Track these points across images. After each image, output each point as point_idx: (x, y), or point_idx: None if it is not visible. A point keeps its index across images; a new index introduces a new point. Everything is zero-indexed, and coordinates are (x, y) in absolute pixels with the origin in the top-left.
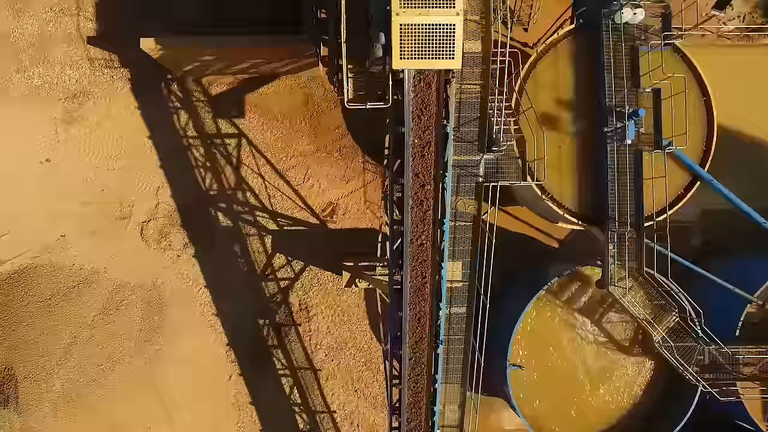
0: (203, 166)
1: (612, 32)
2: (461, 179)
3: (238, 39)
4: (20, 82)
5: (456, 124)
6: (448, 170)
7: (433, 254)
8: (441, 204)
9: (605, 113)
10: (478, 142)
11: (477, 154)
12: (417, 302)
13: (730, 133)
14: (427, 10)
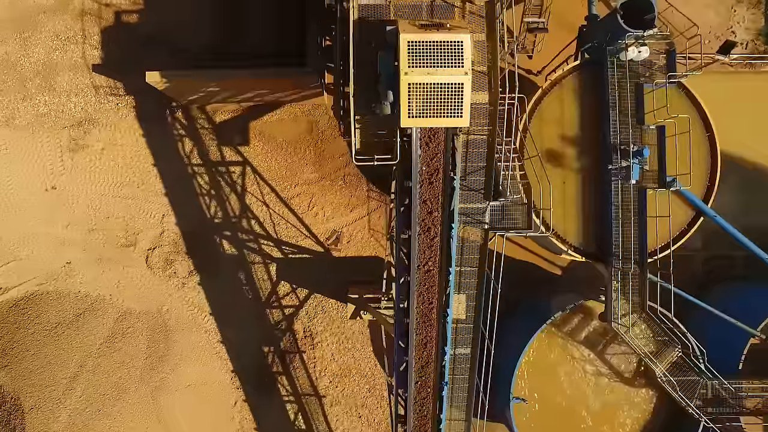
0: (208, 193)
1: (617, 69)
2: (467, 227)
3: (242, 72)
4: (26, 110)
5: (462, 174)
6: (455, 221)
7: (440, 280)
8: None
9: (610, 150)
10: (484, 190)
11: (483, 202)
12: (423, 327)
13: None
14: (435, 69)
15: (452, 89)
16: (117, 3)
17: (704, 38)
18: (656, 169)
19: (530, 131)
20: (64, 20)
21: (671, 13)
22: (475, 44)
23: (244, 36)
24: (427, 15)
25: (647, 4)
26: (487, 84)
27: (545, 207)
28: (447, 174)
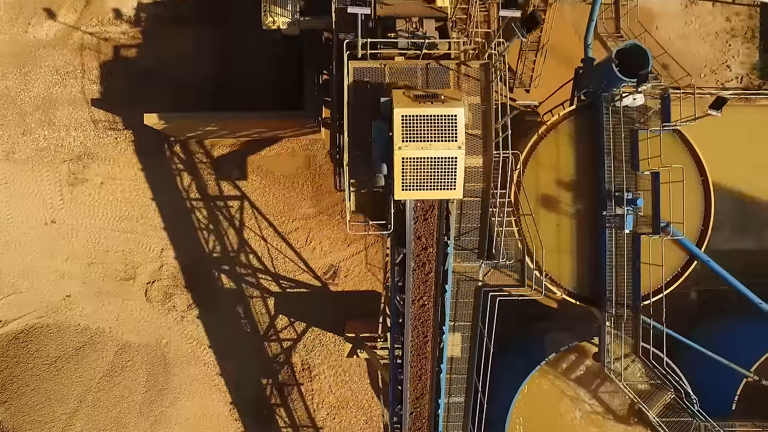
0: (206, 228)
1: (612, 115)
2: (461, 284)
3: (239, 115)
4: (26, 144)
5: (456, 234)
6: (449, 281)
7: (434, 314)
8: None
9: (604, 196)
10: (478, 250)
11: (477, 261)
12: (418, 360)
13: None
14: (429, 144)
15: (446, 163)
16: (116, 38)
17: (700, 72)
18: (650, 214)
19: (524, 187)
20: (64, 55)
21: (667, 43)
22: (469, 107)
23: (242, 72)
24: (422, 78)
25: (642, 53)
26: (482, 148)
27: (540, 259)
28: (441, 238)
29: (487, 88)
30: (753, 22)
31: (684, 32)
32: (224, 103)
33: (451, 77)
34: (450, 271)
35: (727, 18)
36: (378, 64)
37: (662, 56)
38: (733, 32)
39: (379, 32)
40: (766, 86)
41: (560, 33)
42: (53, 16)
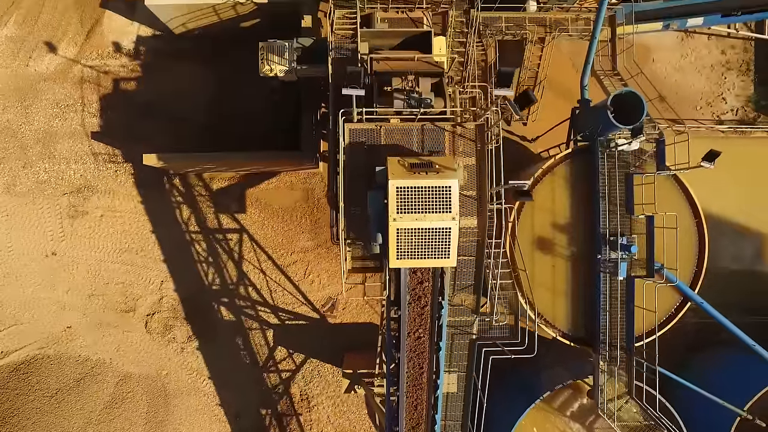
0: (206, 260)
1: (607, 159)
2: (455, 337)
3: (237, 155)
4: (27, 177)
5: (451, 291)
6: (443, 338)
7: (430, 347)
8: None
9: (599, 239)
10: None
11: (471, 315)
12: (413, 391)
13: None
14: (423, 215)
15: (440, 234)
16: (115, 71)
17: (695, 104)
18: (645, 257)
19: (518, 242)
20: (64, 88)
21: (664, 77)
22: (464, 167)
23: (240, 109)
24: (417, 139)
25: (637, 99)
26: (476, 209)
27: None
28: (435, 299)
29: (482, 149)
30: (748, 55)
31: (680, 65)
32: (223, 139)
33: (447, 138)
34: (444, 326)
35: (722, 51)
36: (374, 125)
37: (659, 88)
38: (729, 65)
39: (375, 88)
40: (761, 119)
41: (557, 66)
42: (54, 49)
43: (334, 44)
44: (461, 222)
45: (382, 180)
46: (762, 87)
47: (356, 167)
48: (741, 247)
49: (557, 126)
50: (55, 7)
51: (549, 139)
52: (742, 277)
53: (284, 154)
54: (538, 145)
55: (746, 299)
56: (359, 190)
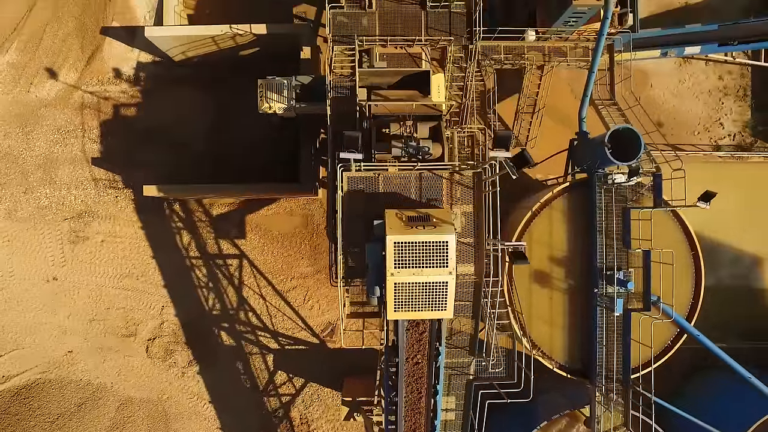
0: (206, 286)
1: (604, 193)
2: (452, 378)
3: (236, 187)
4: (28, 203)
5: (449, 335)
6: (440, 380)
7: (428, 372)
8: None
9: (596, 273)
10: (469, 348)
11: (468, 357)
12: (411, 415)
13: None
14: (420, 269)
15: (438, 287)
16: (116, 97)
17: (693, 130)
18: (641, 290)
19: (515, 287)
20: (65, 114)
21: (662, 102)
22: (462, 214)
23: (239, 137)
24: (415, 186)
25: (634, 135)
26: (474, 256)
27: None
28: (432, 343)
29: (480, 197)
30: (745, 80)
31: (678, 90)
32: (222, 165)
33: (445, 185)
34: (441, 368)
35: (719, 77)
36: (372, 173)
37: (657, 114)
38: (726, 90)
39: (374, 132)
40: (758, 144)
41: (556, 92)
42: (55, 75)
43: (332, 83)
44: (458, 269)
45: (380, 233)
46: (759, 112)
47: (354, 209)
48: (738, 268)
49: (555, 155)
50: (56, 34)
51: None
52: (740, 300)
53: (283, 187)
54: (537, 170)
55: (744, 323)
56: (357, 231)
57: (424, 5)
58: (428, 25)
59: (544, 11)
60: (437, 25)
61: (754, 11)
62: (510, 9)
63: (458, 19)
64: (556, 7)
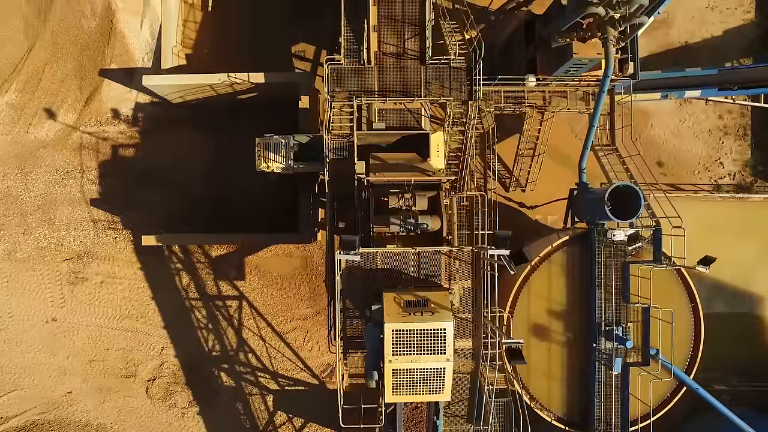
0: (206, 327)
1: (603, 248)
2: None
3: (234, 237)
4: (27, 244)
5: (446, 404)
6: None
7: (428, 415)
8: None
9: (594, 328)
10: (467, 416)
11: (466, 424)
12: None
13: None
14: (418, 356)
15: (435, 373)
16: (114, 137)
17: (693, 169)
18: (640, 344)
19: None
20: (63, 155)
21: (662, 142)
22: (460, 290)
23: (237, 181)
24: (414, 263)
25: (634, 192)
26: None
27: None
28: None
29: (479, 272)
30: (745, 120)
31: (678, 130)
32: (220, 207)
33: (443, 261)
34: None
35: (719, 116)
36: (371, 250)
37: (657, 154)
38: (726, 130)
39: (372, 203)
40: (758, 184)
41: (557, 131)
42: (53, 116)
43: (330, 145)
44: (456, 344)
45: (378, 318)
46: (759, 151)
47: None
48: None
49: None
50: (55, 75)
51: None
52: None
53: (282, 237)
54: (536, 212)
55: (744, 361)
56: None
57: (424, 60)
58: (427, 80)
59: (545, 60)
60: (437, 80)
61: (754, 52)
62: (510, 55)
63: (458, 73)
64: (557, 58)
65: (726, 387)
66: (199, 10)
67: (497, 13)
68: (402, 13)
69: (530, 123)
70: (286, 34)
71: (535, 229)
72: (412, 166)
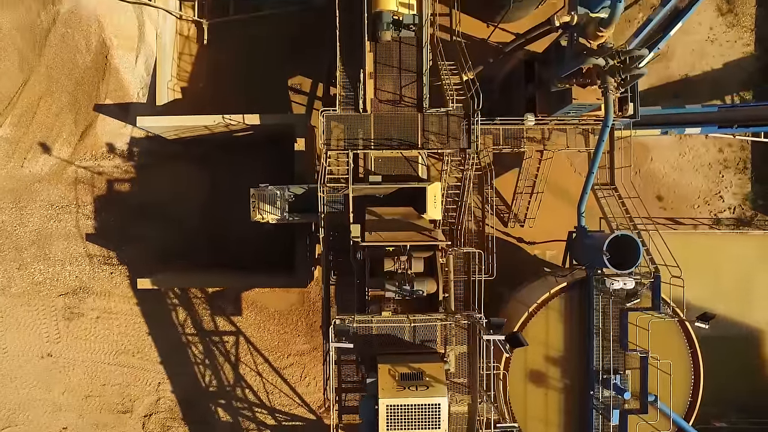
0: (202, 362)
1: (602, 295)
2: None
3: (230, 279)
4: (22, 279)
5: None
6: None
7: None
8: None
9: (592, 376)
10: None
11: None
12: None
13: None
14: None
15: None
16: (109, 172)
17: (693, 203)
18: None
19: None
20: (59, 189)
21: (662, 176)
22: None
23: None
24: (409, 330)
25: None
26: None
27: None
28: None
29: (475, 338)
30: (745, 153)
31: (678, 163)
32: (217, 242)
33: (439, 328)
34: None
35: (719, 149)
36: (366, 316)
37: (656, 188)
38: (726, 163)
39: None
40: (758, 218)
41: (556, 166)
42: (48, 150)
43: (325, 199)
44: (451, 408)
45: (372, 391)
46: (759, 185)
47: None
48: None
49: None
50: (50, 108)
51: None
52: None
53: (277, 281)
54: (534, 248)
55: (745, 397)
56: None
57: (421, 108)
58: (425, 128)
59: (544, 101)
60: (434, 128)
61: (754, 85)
62: (509, 91)
63: (456, 121)
64: (556, 100)
65: (726, 424)
66: (195, 42)
67: (496, 51)
68: (399, 59)
69: (529, 162)
70: (283, 68)
71: (533, 266)
72: (409, 223)
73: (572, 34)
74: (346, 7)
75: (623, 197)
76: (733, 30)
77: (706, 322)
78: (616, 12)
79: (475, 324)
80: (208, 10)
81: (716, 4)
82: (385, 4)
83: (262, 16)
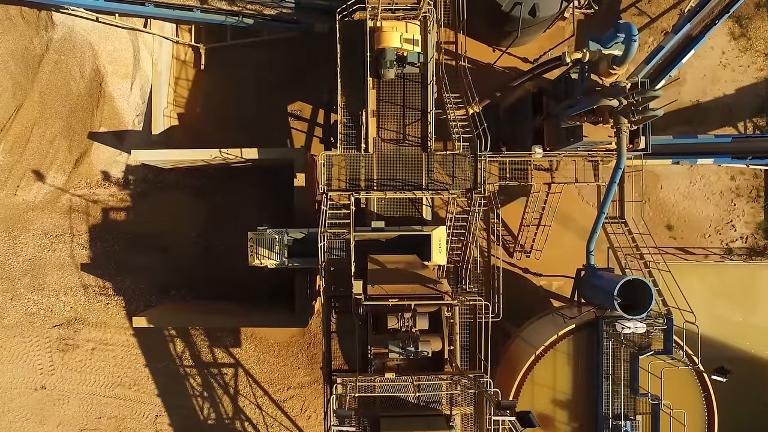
0: (201, 395)
1: (612, 339)
2: None
3: (228, 320)
4: (15, 310)
5: None
6: None
7: None
8: None
9: (601, 422)
10: None
11: None
12: None
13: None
14: None
15: None
16: (104, 200)
17: (704, 232)
18: None
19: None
20: (53, 218)
21: (672, 204)
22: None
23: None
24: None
25: (644, 285)
26: None
27: None
28: None
29: (481, 400)
30: (758, 181)
31: (689, 192)
32: (216, 272)
33: (444, 387)
34: None
35: (731, 177)
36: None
37: (667, 217)
38: (738, 191)
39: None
40: None
41: (564, 197)
42: (42, 178)
43: (326, 246)
44: None
45: None
46: None
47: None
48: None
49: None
50: (44, 135)
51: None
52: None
53: (277, 320)
54: (540, 279)
55: None
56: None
57: (426, 148)
58: (429, 168)
59: (553, 134)
60: (439, 167)
61: (767, 111)
62: (516, 120)
63: (461, 161)
64: (566, 137)
65: None
66: (192, 67)
67: (502, 75)
68: (403, 97)
69: (537, 195)
70: (283, 94)
71: (539, 298)
72: (413, 273)
73: (583, 70)
74: (349, 47)
75: (633, 233)
76: (746, 54)
77: (723, 375)
78: (630, 51)
79: (482, 385)
80: (205, 34)
81: (729, 28)
82: (388, 42)
83: (261, 41)
